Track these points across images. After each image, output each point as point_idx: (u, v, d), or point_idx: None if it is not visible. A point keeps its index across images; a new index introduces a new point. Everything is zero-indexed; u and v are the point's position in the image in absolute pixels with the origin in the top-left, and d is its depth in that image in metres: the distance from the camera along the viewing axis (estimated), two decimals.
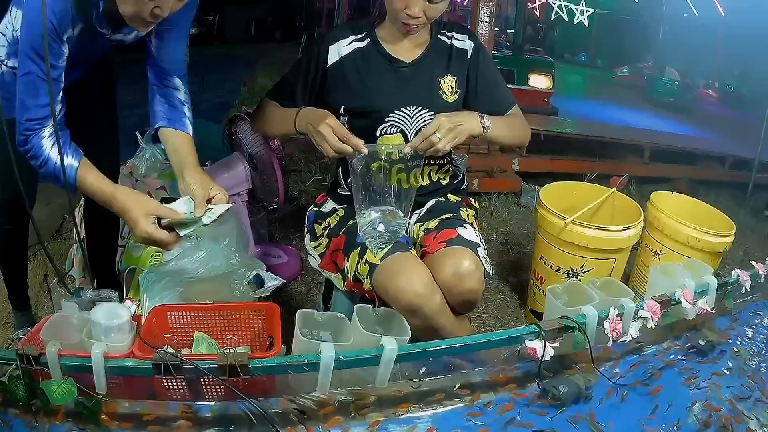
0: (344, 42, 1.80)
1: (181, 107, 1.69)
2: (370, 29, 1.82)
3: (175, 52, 1.68)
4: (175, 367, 1.24)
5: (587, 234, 2.30)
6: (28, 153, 1.47)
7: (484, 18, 3.60)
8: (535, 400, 1.44)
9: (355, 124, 1.80)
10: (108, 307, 1.41)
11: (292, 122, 1.73)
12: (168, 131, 1.68)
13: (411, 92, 1.81)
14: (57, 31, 1.40)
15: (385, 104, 1.79)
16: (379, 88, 1.79)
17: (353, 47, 1.80)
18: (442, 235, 1.70)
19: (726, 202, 4.44)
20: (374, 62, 1.80)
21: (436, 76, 1.83)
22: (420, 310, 1.55)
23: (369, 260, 1.62)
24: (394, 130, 1.80)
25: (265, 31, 12.26)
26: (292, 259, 2.90)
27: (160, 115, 1.68)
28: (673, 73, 10.59)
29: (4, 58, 1.64)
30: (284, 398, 1.32)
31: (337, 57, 1.79)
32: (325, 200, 1.99)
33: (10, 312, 2.30)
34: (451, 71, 1.85)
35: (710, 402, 1.54)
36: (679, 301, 1.66)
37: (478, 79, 1.87)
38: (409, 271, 1.56)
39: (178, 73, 1.70)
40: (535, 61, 6.20)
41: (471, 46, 1.87)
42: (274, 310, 1.54)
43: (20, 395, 1.24)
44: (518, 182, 4.25)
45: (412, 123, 1.80)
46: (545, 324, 1.47)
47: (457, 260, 1.60)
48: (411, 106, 1.80)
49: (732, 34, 10.33)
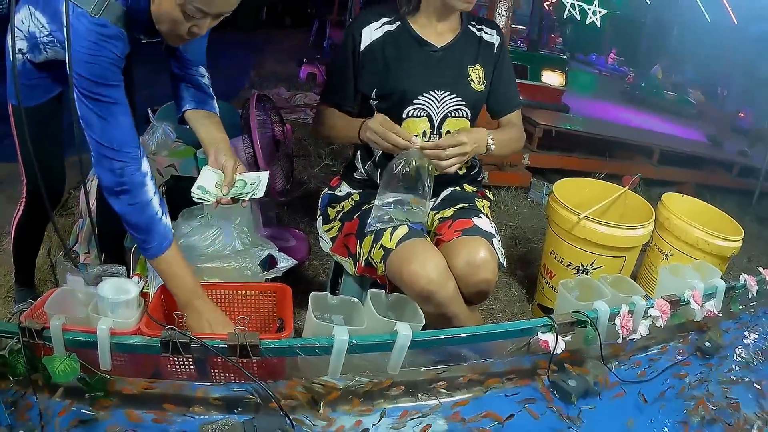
0: (375, 25, 1.79)
1: (208, 90, 1.74)
2: (400, 17, 1.81)
3: (200, 45, 1.73)
4: (183, 346, 1.22)
5: (600, 231, 2.29)
6: (123, 186, 1.41)
7: (501, 12, 3.57)
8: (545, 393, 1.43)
9: (382, 106, 1.80)
10: (116, 281, 1.39)
11: (356, 135, 1.74)
12: (197, 112, 1.71)
13: (440, 76, 1.79)
14: (120, 57, 1.40)
15: (413, 86, 1.77)
16: (407, 70, 1.78)
17: (384, 30, 1.79)
18: (458, 224, 1.69)
19: (732, 208, 4.43)
20: (404, 44, 1.79)
21: (465, 63, 1.82)
22: (433, 296, 1.53)
23: (384, 245, 1.61)
24: (421, 113, 1.78)
25: (276, 17, 12.22)
26: (300, 243, 2.88)
27: (187, 99, 1.71)
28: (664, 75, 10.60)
29: (26, 51, 1.64)
30: (293, 381, 1.30)
31: (369, 40, 1.78)
32: (340, 183, 1.97)
33: (11, 286, 2.29)
34: (480, 62, 1.85)
35: (713, 403, 1.52)
36: (688, 302, 1.66)
37: (498, 75, 1.88)
38: (424, 257, 1.55)
39: (202, 62, 1.76)
40: (549, 58, 6.20)
41: (498, 41, 1.88)
42: (285, 291, 1.53)
43: (20, 370, 1.21)
44: (528, 177, 4.24)
45: (439, 107, 1.79)
46: (557, 317, 1.46)
47: (472, 250, 1.61)
48: (439, 90, 1.78)
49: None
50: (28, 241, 2.12)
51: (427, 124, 1.79)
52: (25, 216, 1.99)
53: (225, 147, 1.64)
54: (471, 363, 1.46)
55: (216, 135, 1.67)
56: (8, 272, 2.25)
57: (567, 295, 1.64)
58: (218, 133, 1.68)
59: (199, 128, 1.70)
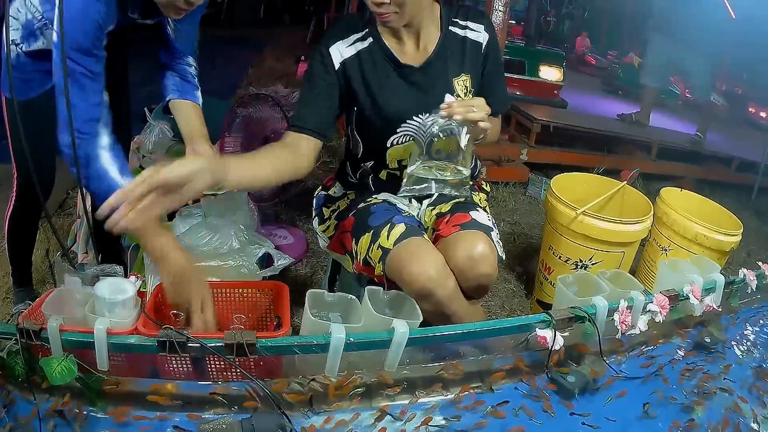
0: (345, 42, 1.63)
1: (192, 81, 1.79)
2: (370, 25, 1.64)
3: (190, 34, 1.77)
4: (180, 345, 1.22)
5: (598, 226, 2.29)
6: (79, 160, 1.43)
7: (498, 7, 3.55)
8: (544, 388, 1.43)
9: (363, 135, 1.73)
10: (113, 281, 1.39)
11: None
12: (180, 102, 1.76)
13: (423, 99, 1.66)
14: (102, 27, 1.41)
15: (395, 115, 1.66)
16: (387, 98, 1.65)
17: (356, 49, 1.63)
18: (456, 218, 1.68)
19: (731, 203, 4.42)
20: (380, 65, 1.64)
21: (450, 76, 1.68)
22: (433, 295, 1.53)
23: (382, 245, 1.60)
24: (405, 140, 1.70)
25: (274, 14, 12.21)
26: (298, 241, 2.89)
27: (172, 88, 1.76)
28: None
29: (19, 41, 1.65)
30: (291, 380, 1.30)
31: (340, 58, 1.62)
32: (334, 183, 1.94)
33: (9, 287, 2.29)
34: (466, 69, 1.70)
35: (713, 399, 1.52)
36: (687, 296, 1.66)
37: (487, 76, 1.76)
38: (423, 256, 1.54)
39: (191, 52, 1.80)
40: (546, 52, 6.19)
41: (486, 38, 1.71)
42: (282, 289, 1.53)
43: (19, 371, 1.21)
44: (526, 172, 4.24)
45: (426, 130, 1.67)
46: (555, 313, 1.45)
47: (471, 244, 1.58)
48: (423, 114, 1.67)
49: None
50: (22, 236, 2.12)
51: (415, 148, 1.65)
52: (17, 210, 2.00)
53: (203, 139, 1.69)
54: (469, 359, 1.46)
55: (195, 127, 1.72)
56: (7, 273, 2.25)
57: (565, 291, 1.63)
58: (198, 125, 1.72)
59: (180, 119, 1.75)
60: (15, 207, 1.99)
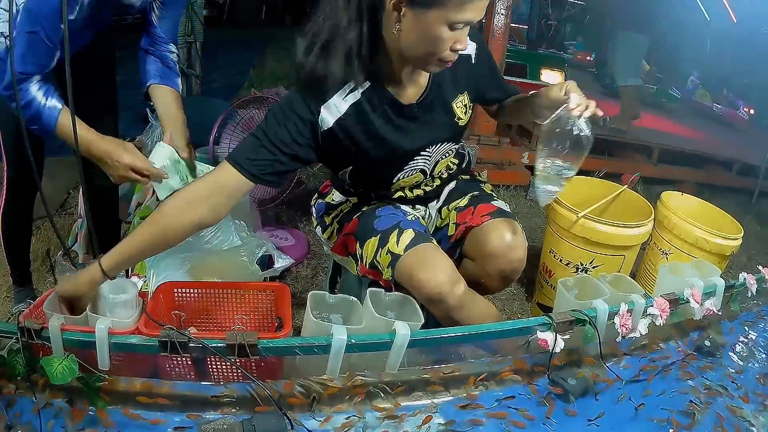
0: (335, 100, 1.46)
1: (174, 67, 1.81)
2: (363, 73, 1.43)
3: (173, 21, 1.79)
4: (181, 345, 1.22)
5: (599, 229, 2.29)
6: (12, 95, 1.46)
7: (500, 10, 3.56)
8: (544, 391, 1.43)
9: (363, 177, 1.68)
10: (115, 281, 1.39)
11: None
12: (160, 88, 1.78)
13: (428, 133, 1.61)
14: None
15: (403, 155, 1.61)
16: (393, 141, 1.56)
17: (348, 103, 1.47)
18: (482, 209, 1.71)
19: (731, 206, 4.42)
20: (380, 112, 1.52)
21: (449, 102, 1.62)
22: (443, 301, 1.53)
23: (391, 250, 1.58)
24: (413, 173, 1.67)
25: (275, 15, 12.20)
26: (299, 242, 2.89)
27: (153, 73, 1.78)
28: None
29: (8, 33, 1.63)
30: (292, 380, 1.30)
31: (334, 119, 1.47)
32: (331, 191, 1.86)
33: (10, 286, 2.29)
34: (461, 89, 1.64)
35: (712, 402, 1.52)
36: (688, 300, 1.66)
37: (484, 78, 1.72)
38: (433, 262, 1.54)
39: (173, 38, 1.82)
40: (547, 56, 6.19)
41: (474, 47, 1.64)
42: (283, 290, 1.53)
43: (20, 370, 1.21)
44: (527, 176, 4.23)
45: (432, 159, 1.67)
46: (556, 316, 1.46)
47: (505, 231, 1.65)
48: (428, 147, 1.63)
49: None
50: (16, 231, 2.11)
51: (420, 176, 1.69)
52: (9, 203, 2.00)
53: (181, 126, 1.72)
54: (470, 361, 1.46)
55: (174, 113, 1.74)
56: (7, 272, 2.25)
57: (566, 294, 1.64)
58: (177, 111, 1.74)
59: (159, 105, 1.76)
60: (7, 199, 1.98)
